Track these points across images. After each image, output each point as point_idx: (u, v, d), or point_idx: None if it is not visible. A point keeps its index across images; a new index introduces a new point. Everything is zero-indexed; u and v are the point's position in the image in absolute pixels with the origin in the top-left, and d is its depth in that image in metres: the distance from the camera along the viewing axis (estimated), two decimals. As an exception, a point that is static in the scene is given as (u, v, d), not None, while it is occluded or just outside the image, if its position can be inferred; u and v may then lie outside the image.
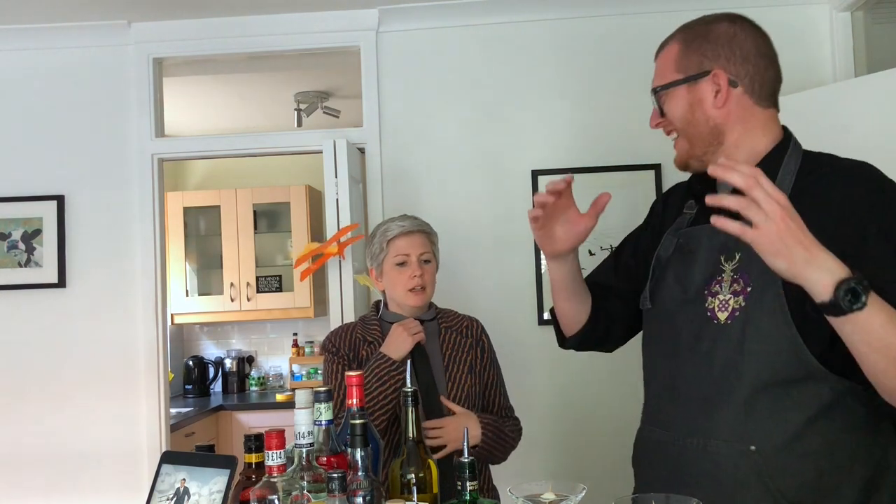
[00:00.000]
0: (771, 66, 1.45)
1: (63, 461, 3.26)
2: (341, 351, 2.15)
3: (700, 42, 1.42)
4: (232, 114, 4.82)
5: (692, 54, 1.42)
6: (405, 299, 2.17)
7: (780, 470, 1.31)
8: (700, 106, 1.42)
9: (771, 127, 1.44)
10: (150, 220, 3.33)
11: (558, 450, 3.17)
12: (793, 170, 1.38)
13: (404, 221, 2.20)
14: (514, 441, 2.20)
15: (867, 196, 1.31)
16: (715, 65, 1.40)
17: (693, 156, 1.46)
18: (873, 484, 1.31)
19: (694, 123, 1.43)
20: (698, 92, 1.42)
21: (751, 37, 1.42)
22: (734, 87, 1.40)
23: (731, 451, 1.34)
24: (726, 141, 1.42)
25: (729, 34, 1.41)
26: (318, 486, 1.32)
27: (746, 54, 1.41)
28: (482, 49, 3.29)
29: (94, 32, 3.32)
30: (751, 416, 1.33)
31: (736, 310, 1.35)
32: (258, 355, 5.47)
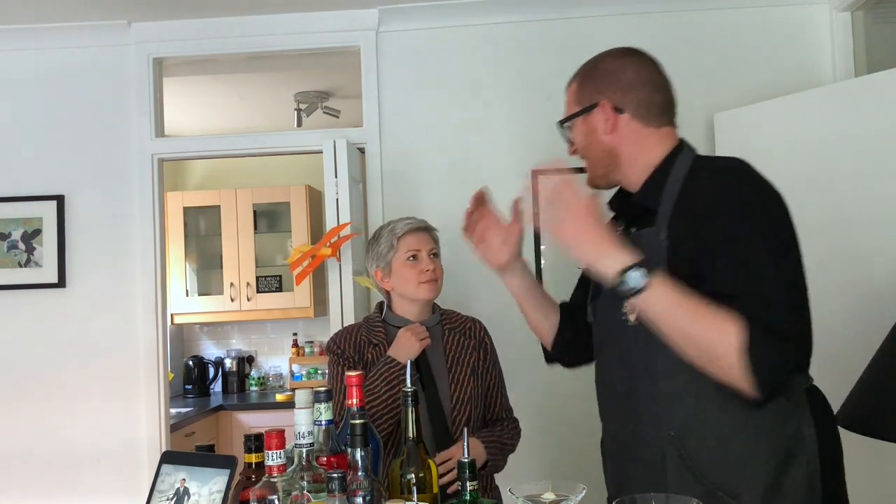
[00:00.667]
0: (658, 91, 1.58)
1: (63, 461, 3.26)
2: (346, 353, 2.16)
3: (590, 77, 1.62)
4: (232, 114, 4.82)
5: (585, 89, 1.62)
6: (418, 293, 2.18)
7: (696, 452, 1.43)
8: (594, 134, 1.60)
9: (664, 143, 1.57)
10: (150, 220, 3.33)
11: (558, 450, 3.17)
12: (680, 176, 1.51)
13: (410, 219, 2.26)
14: (514, 446, 2.23)
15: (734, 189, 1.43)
16: (602, 97, 1.58)
17: (597, 175, 1.64)
18: (788, 456, 1.41)
19: (591, 149, 1.62)
20: (592, 122, 1.60)
21: (633, 67, 1.58)
22: (621, 114, 1.57)
23: (656, 437, 1.48)
24: (621, 161, 1.59)
25: (613, 67, 1.59)
26: (318, 486, 1.33)
27: (630, 84, 1.57)
28: (482, 49, 3.29)
29: (94, 32, 3.33)
30: (668, 404, 1.47)
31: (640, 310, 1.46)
32: (258, 355, 5.47)
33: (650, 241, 1.49)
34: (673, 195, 1.49)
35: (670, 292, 1.36)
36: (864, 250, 2.64)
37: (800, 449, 1.41)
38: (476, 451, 2.07)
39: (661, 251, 1.45)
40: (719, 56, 3.19)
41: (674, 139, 1.59)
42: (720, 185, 1.45)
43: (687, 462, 1.43)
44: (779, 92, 3.03)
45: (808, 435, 1.42)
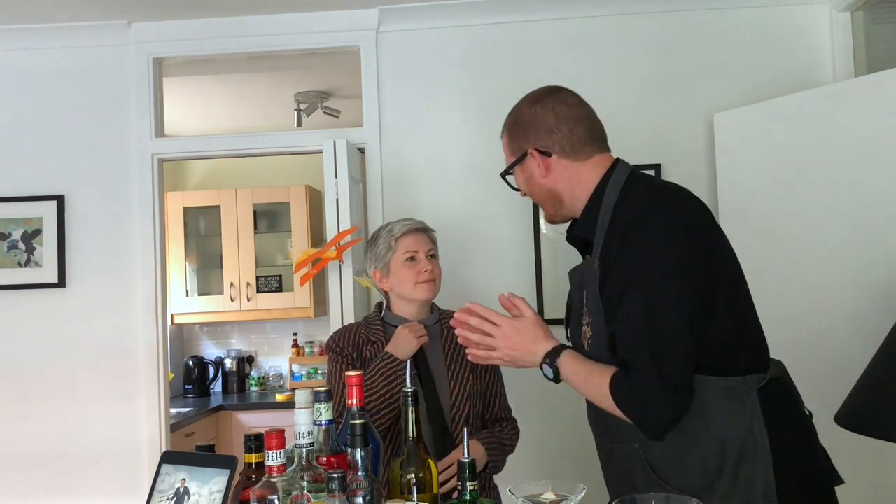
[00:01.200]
0: (577, 125, 1.64)
1: (63, 461, 3.26)
2: (345, 351, 2.18)
3: (514, 129, 1.70)
4: (232, 114, 4.82)
5: (514, 141, 1.70)
6: (415, 293, 2.19)
7: (660, 464, 1.52)
8: (532, 179, 1.68)
9: (595, 170, 1.65)
10: (150, 220, 3.33)
11: (558, 450, 3.17)
12: (610, 206, 1.58)
13: (407, 220, 2.26)
14: (513, 447, 2.24)
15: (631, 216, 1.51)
16: (528, 144, 1.66)
17: (549, 214, 1.73)
18: (740, 456, 1.47)
19: (535, 193, 1.71)
20: (527, 169, 1.68)
21: (549, 109, 1.64)
22: (549, 157, 1.64)
23: (622, 449, 1.58)
24: (564, 198, 1.67)
25: (531, 115, 1.66)
26: (318, 486, 1.33)
27: (549, 126, 1.64)
28: (482, 49, 3.29)
29: (94, 32, 3.33)
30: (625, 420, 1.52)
31: (589, 338, 1.59)
32: (258, 355, 5.47)
33: (588, 271, 1.59)
34: (604, 225, 1.57)
35: (571, 368, 1.55)
36: (864, 250, 2.64)
37: (751, 446, 1.47)
38: (477, 452, 2.07)
39: (595, 282, 1.54)
40: (719, 56, 3.19)
41: (604, 164, 1.66)
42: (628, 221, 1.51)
43: (648, 470, 1.52)
44: (779, 92, 3.03)
45: (758, 432, 1.47)
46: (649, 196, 1.55)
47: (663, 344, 1.44)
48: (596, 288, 1.53)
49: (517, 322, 1.61)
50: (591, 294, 1.55)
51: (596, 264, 1.54)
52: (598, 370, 1.51)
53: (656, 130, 3.16)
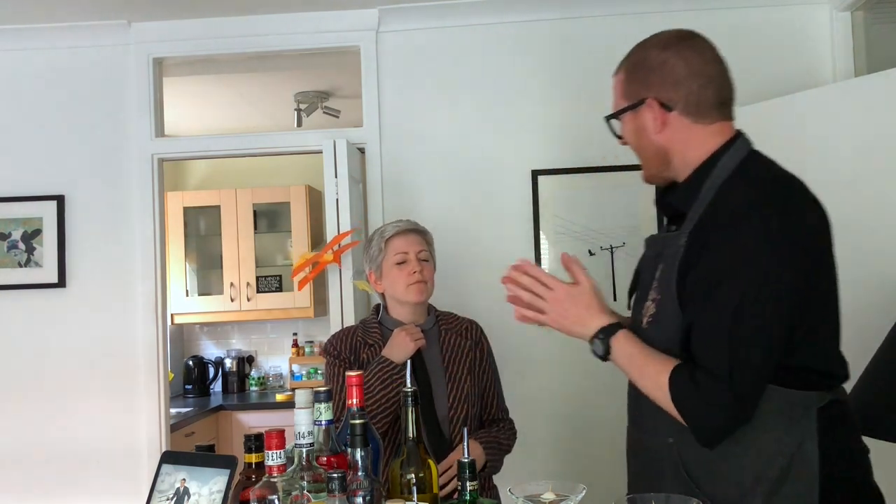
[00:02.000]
0: (709, 84, 1.47)
1: (63, 461, 3.26)
2: (342, 354, 2.18)
3: (637, 71, 1.53)
4: (232, 114, 4.82)
5: (633, 83, 1.53)
6: (406, 295, 2.18)
7: (693, 462, 1.40)
8: (644, 132, 1.52)
9: (714, 138, 1.48)
10: (150, 220, 3.32)
11: (558, 450, 3.16)
12: (718, 180, 1.43)
13: (400, 222, 2.26)
14: (511, 447, 2.24)
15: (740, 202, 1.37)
16: (649, 93, 1.49)
17: (651, 174, 1.58)
18: (785, 473, 1.35)
19: (642, 148, 1.54)
20: (641, 119, 1.51)
21: (682, 60, 1.47)
22: (669, 111, 1.48)
23: (655, 443, 1.47)
24: (673, 159, 1.51)
25: (659, 61, 1.48)
26: (318, 486, 1.32)
27: (677, 79, 1.46)
28: (482, 49, 3.29)
29: (94, 32, 3.32)
30: (668, 412, 1.41)
31: (651, 315, 1.46)
32: (258, 355, 5.47)
33: (671, 245, 1.44)
34: (706, 200, 1.42)
35: (625, 350, 1.43)
36: (864, 251, 2.63)
37: (799, 467, 1.35)
38: (475, 453, 2.07)
39: (675, 258, 1.41)
40: (719, 56, 3.19)
41: (725, 134, 1.49)
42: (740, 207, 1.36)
43: (680, 470, 1.41)
44: (779, 92, 3.02)
45: (810, 452, 1.35)
46: (770, 185, 1.39)
47: (745, 351, 1.32)
48: (675, 265, 1.40)
49: (573, 289, 1.49)
50: (668, 269, 1.42)
51: (683, 240, 1.41)
52: (656, 359, 1.40)
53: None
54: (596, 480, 1.58)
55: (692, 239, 1.39)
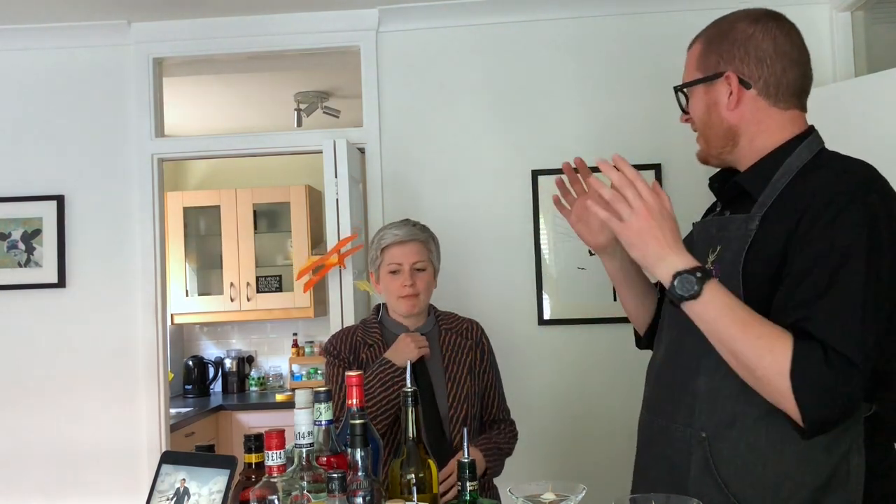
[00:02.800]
0: (792, 68, 1.41)
1: (63, 461, 3.26)
2: (342, 354, 2.18)
3: (719, 42, 1.43)
4: (232, 114, 4.82)
5: (711, 54, 1.44)
6: (397, 306, 2.20)
7: (726, 460, 1.33)
8: (715, 107, 1.43)
9: (789, 128, 1.43)
10: (150, 220, 3.32)
11: (558, 450, 3.17)
12: (794, 168, 1.38)
13: (399, 230, 2.22)
14: (511, 450, 2.24)
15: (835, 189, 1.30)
16: (729, 66, 1.41)
17: (711, 154, 1.49)
18: (827, 485, 1.28)
19: (710, 125, 1.45)
20: (714, 93, 1.43)
21: (769, 38, 1.40)
22: (747, 89, 1.40)
23: (685, 436, 1.38)
24: (740, 141, 1.43)
25: (746, 35, 1.41)
26: (318, 486, 1.32)
27: (762, 56, 1.39)
28: (482, 49, 3.29)
29: (94, 32, 3.32)
30: (707, 404, 1.36)
31: None
32: (258, 355, 5.47)
33: (738, 228, 1.38)
34: (779, 187, 1.36)
35: (722, 302, 1.26)
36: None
37: (842, 478, 1.28)
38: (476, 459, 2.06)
39: (744, 241, 1.35)
40: (719, 56, 3.19)
41: (799, 124, 1.44)
42: (832, 186, 1.30)
43: (711, 468, 1.33)
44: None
45: (854, 464, 1.29)
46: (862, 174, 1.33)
47: (870, 339, 1.22)
48: (743, 248, 1.34)
49: (666, 208, 1.30)
50: (732, 251, 1.35)
51: (754, 224, 1.34)
52: (764, 323, 1.24)
53: (656, 130, 3.16)
54: (596, 480, 1.58)
55: (767, 224, 1.33)
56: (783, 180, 1.37)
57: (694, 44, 1.50)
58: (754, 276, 1.32)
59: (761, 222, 1.34)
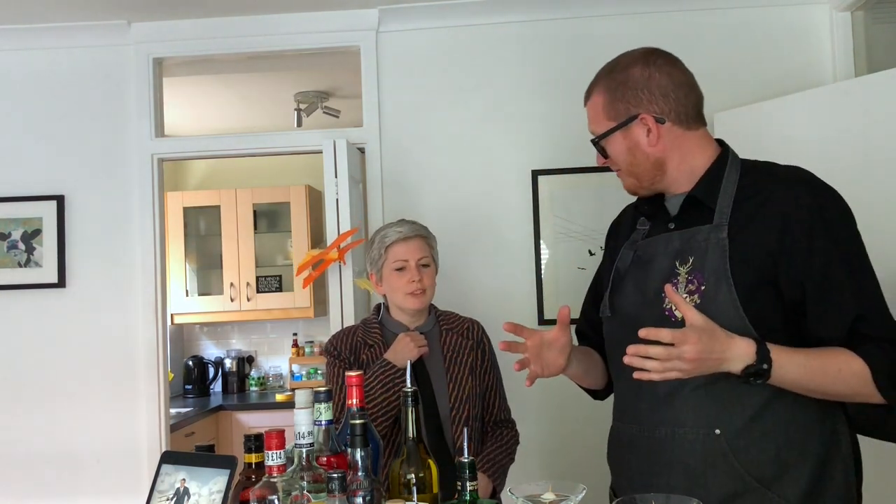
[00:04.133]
0: (691, 92, 1.56)
1: (63, 461, 3.26)
2: (343, 354, 2.18)
3: (622, 90, 1.55)
4: (232, 114, 4.82)
5: (618, 103, 1.55)
6: (405, 303, 2.18)
7: (742, 450, 1.44)
8: (637, 147, 1.56)
9: (705, 144, 1.58)
10: (150, 220, 3.32)
11: (559, 450, 3.16)
12: (734, 180, 1.52)
13: (402, 227, 2.22)
14: (513, 457, 2.25)
15: (810, 200, 1.45)
16: (639, 109, 1.53)
17: (642, 186, 1.61)
18: (827, 457, 1.45)
19: (636, 163, 1.57)
20: (632, 136, 1.55)
21: (665, 73, 1.54)
22: (662, 124, 1.53)
23: (698, 437, 1.47)
24: (668, 169, 1.56)
25: (644, 77, 1.53)
26: (318, 486, 1.33)
27: (665, 91, 1.53)
28: (482, 49, 3.29)
29: (94, 32, 3.32)
30: (713, 402, 1.46)
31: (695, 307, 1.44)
32: (258, 355, 5.47)
33: (705, 238, 1.49)
34: (729, 195, 1.50)
35: (791, 361, 1.38)
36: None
37: (836, 448, 1.46)
38: (484, 485, 2.08)
39: (720, 249, 1.46)
40: (719, 56, 3.19)
41: (711, 139, 1.60)
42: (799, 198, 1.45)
43: (730, 460, 1.44)
44: (779, 92, 3.02)
45: (842, 434, 1.47)
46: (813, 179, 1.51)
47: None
48: (724, 257, 1.45)
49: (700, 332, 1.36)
50: (713, 261, 1.46)
51: (724, 233, 1.47)
52: (826, 354, 1.40)
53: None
54: (596, 481, 1.58)
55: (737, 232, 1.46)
56: (730, 189, 1.51)
57: (592, 96, 1.62)
58: (742, 282, 1.43)
59: (730, 231, 1.47)
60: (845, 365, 1.38)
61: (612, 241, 1.79)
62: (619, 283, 1.64)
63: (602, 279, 1.78)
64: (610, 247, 1.79)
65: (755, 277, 1.43)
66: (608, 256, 1.78)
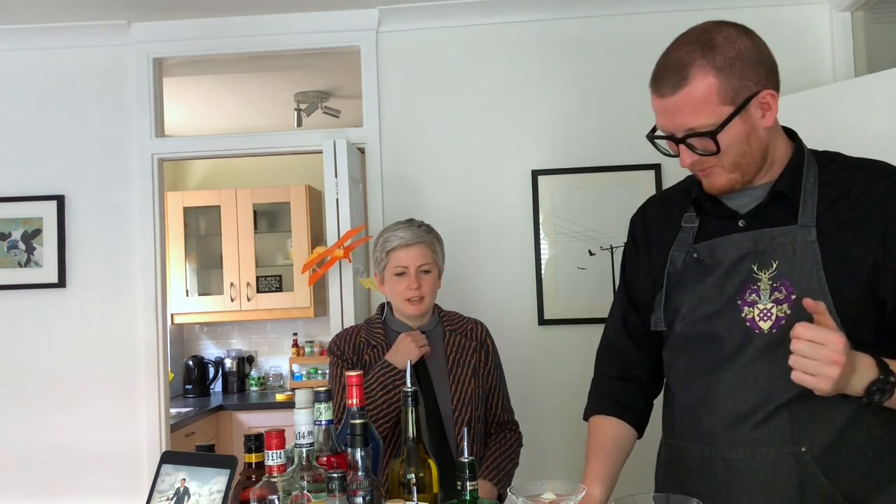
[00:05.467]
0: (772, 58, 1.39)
1: (63, 461, 3.26)
2: (346, 354, 2.18)
3: (738, 66, 1.32)
4: (232, 114, 4.82)
5: (734, 81, 1.32)
6: (403, 308, 2.19)
7: (832, 467, 1.33)
8: (754, 132, 1.35)
9: (781, 129, 1.43)
10: (150, 220, 3.32)
11: (559, 450, 3.16)
12: (815, 173, 1.39)
13: (405, 232, 2.19)
14: (517, 460, 2.24)
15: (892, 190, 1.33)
16: (760, 86, 1.33)
17: (745, 181, 1.40)
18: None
19: (749, 152, 1.36)
20: (751, 118, 1.34)
21: (764, 44, 1.39)
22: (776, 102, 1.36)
23: (783, 456, 1.34)
24: (769, 156, 1.40)
25: (754, 49, 1.36)
26: (318, 486, 1.32)
27: (772, 63, 1.37)
28: (482, 49, 3.29)
29: (94, 32, 3.32)
30: (797, 419, 1.34)
31: (781, 318, 1.34)
32: (258, 355, 5.47)
33: (791, 240, 1.35)
34: (811, 190, 1.36)
35: None
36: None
37: None
38: (490, 494, 2.09)
39: (810, 254, 1.33)
40: (719, 56, 3.19)
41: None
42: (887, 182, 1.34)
43: (820, 479, 1.33)
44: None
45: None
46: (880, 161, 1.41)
47: None
48: (817, 262, 1.32)
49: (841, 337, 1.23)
50: (804, 266, 1.32)
51: (813, 235, 1.33)
52: None
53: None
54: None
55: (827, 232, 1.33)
56: (811, 185, 1.37)
57: (690, 82, 1.32)
58: (840, 291, 1.31)
59: (819, 233, 1.33)
60: None
61: (645, 239, 1.58)
62: (675, 290, 1.46)
63: (638, 283, 1.59)
64: (641, 244, 1.59)
65: (853, 286, 1.31)
66: (645, 256, 1.57)
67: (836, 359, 1.21)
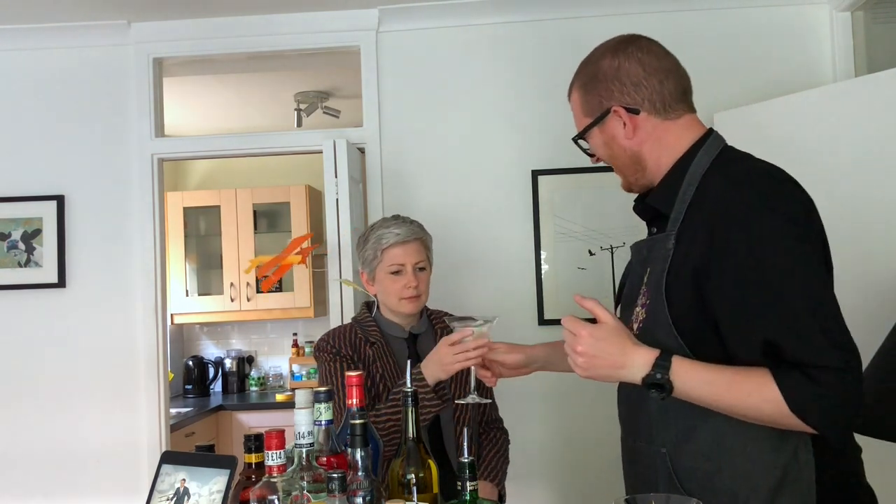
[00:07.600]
0: (668, 78, 1.46)
1: (63, 461, 3.26)
2: (342, 351, 2.11)
3: (593, 84, 1.50)
4: (232, 114, 4.82)
5: (591, 97, 1.50)
6: (399, 307, 2.14)
7: (683, 470, 1.37)
8: (614, 141, 1.49)
9: (686, 136, 1.47)
10: (150, 220, 3.32)
11: (558, 450, 3.16)
12: (697, 176, 1.40)
13: (399, 228, 2.15)
14: (508, 457, 2.25)
15: (742, 206, 1.30)
16: (612, 101, 1.47)
17: (630, 183, 1.55)
18: (781, 483, 1.31)
19: (615, 157, 1.52)
20: (609, 129, 1.49)
21: (635, 61, 1.46)
22: (637, 115, 1.45)
23: (649, 452, 1.43)
24: (647, 164, 1.48)
25: (613, 69, 1.47)
26: (318, 486, 1.33)
27: (636, 81, 1.45)
28: (482, 49, 3.29)
29: (94, 32, 3.32)
30: (660, 418, 1.40)
31: (641, 321, 1.42)
32: (258, 355, 5.47)
33: (659, 248, 1.41)
34: (687, 199, 1.38)
35: (696, 377, 1.29)
36: (865, 250, 2.63)
37: (794, 475, 1.31)
38: (488, 491, 2.09)
39: (664, 262, 1.37)
40: (719, 56, 3.19)
41: (696, 129, 1.47)
42: (731, 199, 1.31)
43: (674, 480, 1.37)
44: (779, 92, 3.02)
45: (804, 461, 1.31)
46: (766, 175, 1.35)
47: (839, 334, 1.23)
48: (664, 268, 1.36)
49: (596, 330, 1.35)
50: (656, 273, 1.38)
51: (671, 243, 1.37)
52: (742, 375, 1.27)
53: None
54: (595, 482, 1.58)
55: (682, 241, 1.35)
56: (689, 191, 1.39)
57: (571, 94, 1.58)
58: (678, 298, 1.34)
59: (677, 240, 1.37)
60: (756, 388, 1.25)
61: None
62: (619, 293, 1.61)
63: None
64: None
65: (682, 293, 1.33)
66: None
67: (579, 349, 1.35)
